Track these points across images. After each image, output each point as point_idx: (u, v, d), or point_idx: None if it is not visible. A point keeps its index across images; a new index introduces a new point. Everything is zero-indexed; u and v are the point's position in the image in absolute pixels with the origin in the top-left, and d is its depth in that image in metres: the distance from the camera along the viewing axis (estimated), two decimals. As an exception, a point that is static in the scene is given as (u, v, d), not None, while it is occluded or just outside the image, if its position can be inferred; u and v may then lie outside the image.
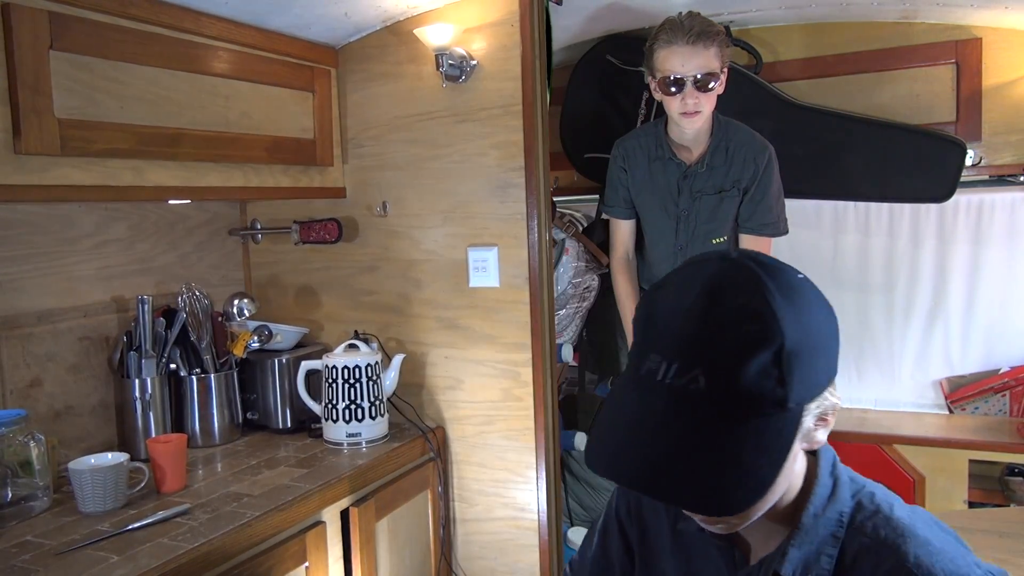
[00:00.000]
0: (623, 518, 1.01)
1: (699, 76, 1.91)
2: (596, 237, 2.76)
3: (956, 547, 0.76)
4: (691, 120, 1.96)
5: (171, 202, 2.00)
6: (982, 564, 0.74)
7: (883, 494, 0.80)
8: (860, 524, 0.77)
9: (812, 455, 0.81)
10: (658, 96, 2.01)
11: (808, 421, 0.72)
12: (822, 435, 0.76)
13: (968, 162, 2.40)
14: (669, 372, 0.68)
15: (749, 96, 2.50)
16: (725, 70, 1.97)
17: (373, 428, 1.87)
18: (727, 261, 0.72)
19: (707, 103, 1.95)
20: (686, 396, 0.67)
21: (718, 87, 1.95)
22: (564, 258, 2.61)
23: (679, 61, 1.91)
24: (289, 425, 1.99)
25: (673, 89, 1.93)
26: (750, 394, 0.66)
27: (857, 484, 0.81)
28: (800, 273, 0.74)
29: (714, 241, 2.13)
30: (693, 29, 1.89)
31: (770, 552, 0.80)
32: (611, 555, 1.02)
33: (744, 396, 0.66)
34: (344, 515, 1.66)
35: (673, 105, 1.97)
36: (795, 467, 0.78)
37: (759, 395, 0.66)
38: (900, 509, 0.78)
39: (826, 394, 0.73)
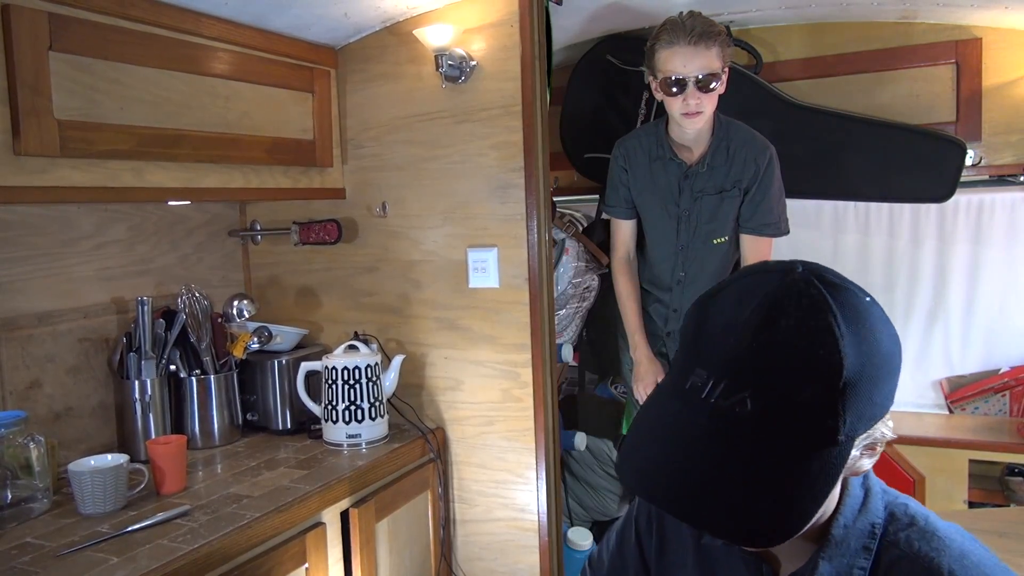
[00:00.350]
0: (642, 527, 0.98)
1: (701, 76, 1.90)
2: (596, 237, 2.76)
3: (995, 561, 0.73)
4: (693, 120, 1.96)
5: (171, 203, 2.00)
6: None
7: (917, 506, 0.77)
8: (894, 536, 0.73)
9: None
10: (659, 96, 2.01)
11: (856, 451, 0.68)
12: (867, 463, 0.72)
13: (968, 162, 2.40)
14: (715, 391, 0.64)
15: (749, 96, 2.50)
16: (726, 70, 1.96)
17: (373, 429, 1.87)
18: (790, 276, 0.66)
19: (709, 103, 1.95)
20: (731, 419, 0.63)
21: (719, 87, 1.95)
22: (564, 258, 2.60)
23: (681, 62, 1.91)
24: (289, 426, 1.99)
25: (675, 90, 1.93)
26: (799, 425, 0.62)
27: (890, 495, 0.78)
28: (868, 295, 0.69)
29: (715, 241, 2.13)
30: (695, 30, 1.89)
31: (800, 567, 0.77)
32: (627, 560, 1.00)
33: (793, 426, 0.62)
34: (344, 516, 1.66)
35: (675, 106, 1.96)
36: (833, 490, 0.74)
37: (809, 426, 0.62)
38: (936, 521, 0.75)
39: (879, 424, 0.68)
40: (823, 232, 2.90)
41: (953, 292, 2.78)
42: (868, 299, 0.68)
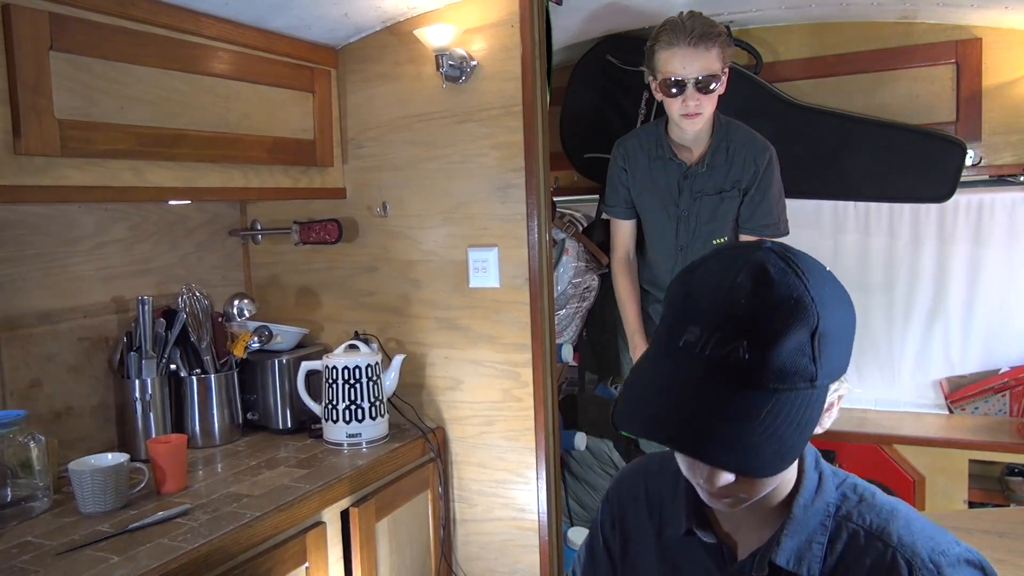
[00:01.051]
0: (607, 532, 1.03)
1: (700, 78, 1.90)
2: (596, 237, 2.76)
3: (937, 527, 0.80)
4: (692, 121, 1.96)
5: (171, 203, 2.00)
6: (961, 543, 0.79)
7: (864, 484, 0.86)
8: (847, 513, 0.82)
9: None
10: (659, 97, 2.01)
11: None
12: (827, 421, 0.80)
13: (968, 162, 2.40)
14: (709, 343, 0.71)
15: (749, 96, 2.50)
16: (726, 71, 1.96)
17: (373, 428, 1.87)
18: (766, 249, 0.76)
19: (708, 104, 1.95)
20: (726, 366, 0.70)
21: (719, 88, 1.94)
22: (564, 258, 2.61)
23: (680, 63, 1.90)
24: (289, 425, 1.99)
25: (674, 91, 1.93)
26: (785, 368, 0.70)
27: (839, 477, 0.86)
28: (826, 267, 0.78)
29: (715, 242, 2.13)
30: (695, 31, 1.88)
31: (761, 545, 0.83)
32: (599, 567, 1.04)
33: (780, 369, 0.70)
34: (344, 515, 1.66)
35: (674, 107, 1.96)
36: None
37: (794, 370, 0.71)
38: (882, 496, 0.84)
39: (839, 383, 0.77)
40: (823, 232, 2.90)
41: (953, 292, 2.78)
42: (828, 270, 0.78)
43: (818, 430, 0.79)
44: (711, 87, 1.91)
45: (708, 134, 2.04)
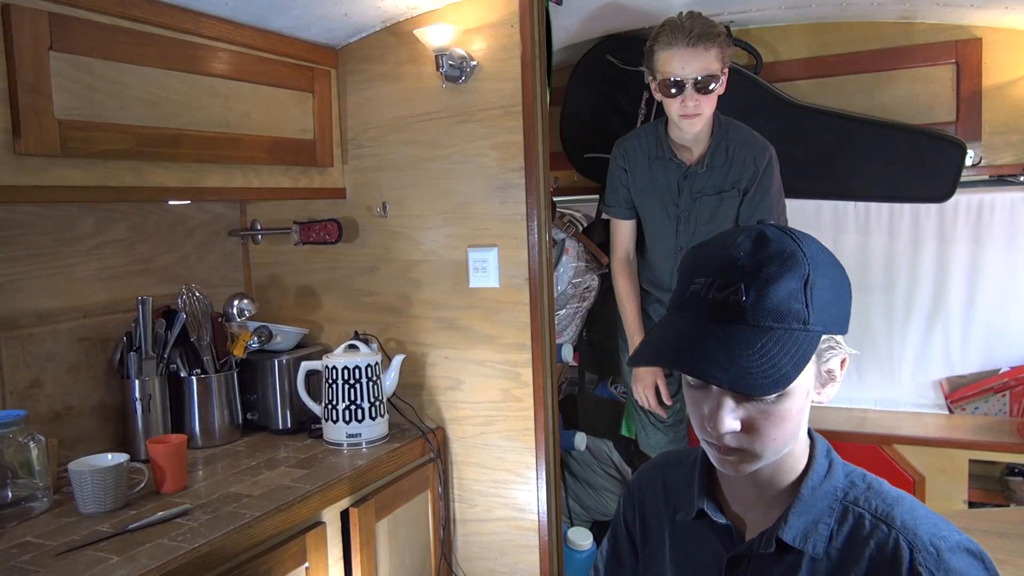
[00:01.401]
0: (629, 522, 1.08)
1: (699, 78, 1.90)
2: (596, 237, 2.76)
3: (941, 517, 0.84)
4: (691, 122, 1.96)
5: (171, 203, 2.00)
6: (963, 533, 0.82)
7: (871, 476, 0.89)
8: (854, 499, 0.86)
9: (811, 442, 0.90)
10: (658, 97, 2.01)
11: (823, 358, 0.84)
12: (831, 390, 0.87)
13: (968, 162, 2.40)
14: (712, 288, 0.80)
15: (749, 96, 2.50)
16: (726, 71, 1.96)
17: (373, 429, 1.87)
18: (765, 223, 0.85)
19: (707, 105, 1.94)
20: (726, 305, 0.79)
21: (719, 88, 1.94)
22: (564, 258, 2.61)
23: (679, 63, 1.90)
24: (289, 426, 1.99)
25: (673, 91, 1.93)
26: (779, 309, 0.78)
27: (848, 467, 0.90)
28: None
29: (714, 241, 2.12)
30: (694, 31, 1.88)
31: (768, 527, 0.87)
32: (623, 558, 1.09)
33: (775, 309, 0.78)
34: (344, 516, 1.66)
35: (673, 107, 1.96)
36: (800, 434, 0.86)
37: (787, 310, 0.78)
38: (889, 486, 0.88)
39: (839, 339, 0.84)
40: (823, 232, 2.90)
41: (953, 292, 2.78)
42: (821, 244, 0.86)
43: (821, 398, 0.87)
44: (710, 87, 1.91)
45: (708, 134, 2.04)
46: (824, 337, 0.82)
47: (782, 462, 0.86)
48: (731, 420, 0.81)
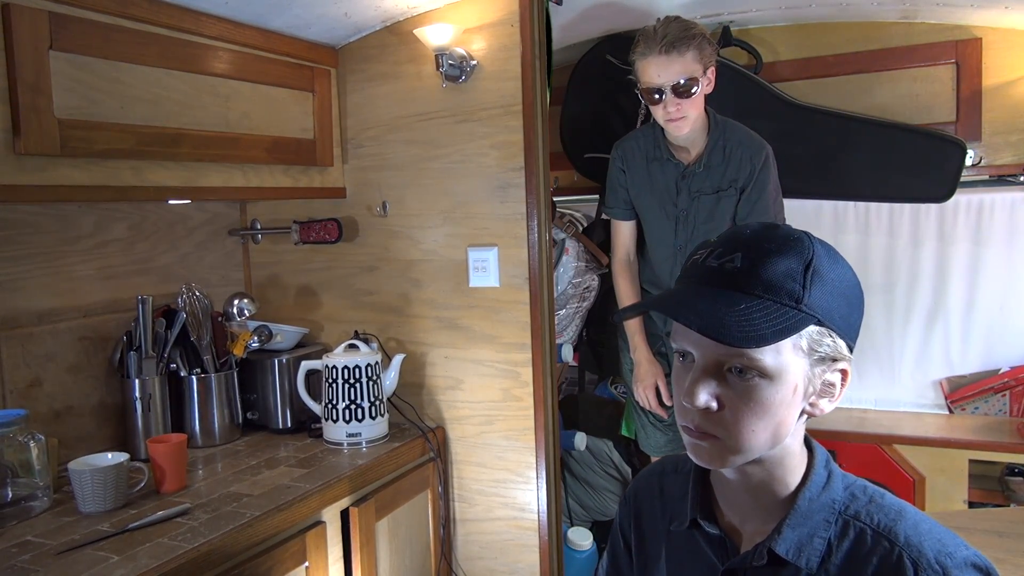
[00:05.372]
0: (625, 532, 1.06)
1: (682, 82, 1.90)
2: (596, 237, 2.76)
3: (945, 530, 0.80)
4: (676, 125, 1.96)
5: (171, 202, 2.00)
6: (969, 547, 0.78)
7: (874, 487, 0.86)
8: (855, 512, 0.82)
9: (809, 452, 0.87)
10: (645, 103, 2.02)
11: (823, 365, 0.81)
12: (826, 404, 0.83)
13: (968, 162, 2.40)
14: (712, 256, 0.81)
15: (749, 96, 2.50)
16: (710, 71, 1.96)
17: (373, 428, 1.87)
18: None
19: (691, 107, 1.94)
20: (722, 272, 0.79)
21: (702, 90, 1.94)
22: (564, 258, 2.61)
23: (655, 71, 1.91)
24: (289, 425, 1.99)
25: (656, 96, 1.94)
26: (772, 281, 0.77)
27: (849, 479, 0.87)
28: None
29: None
30: (666, 38, 1.88)
31: (763, 540, 0.84)
32: (622, 570, 1.07)
33: (768, 280, 0.77)
34: (344, 515, 1.66)
35: (658, 113, 1.97)
36: (793, 443, 0.84)
37: (780, 285, 0.77)
38: (891, 497, 0.84)
39: (845, 350, 0.82)
40: (823, 232, 2.86)
41: (953, 292, 2.78)
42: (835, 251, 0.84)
43: (815, 411, 0.83)
44: (692, 91, 1.91)
45: (704, 134, 2.04)
46: (827, 339, 0.79)
47: (775, 470, 0.83)
48: (706, 394, 0.78)
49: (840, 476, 0.86)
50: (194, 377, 1.87)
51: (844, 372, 0.83)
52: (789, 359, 0.78)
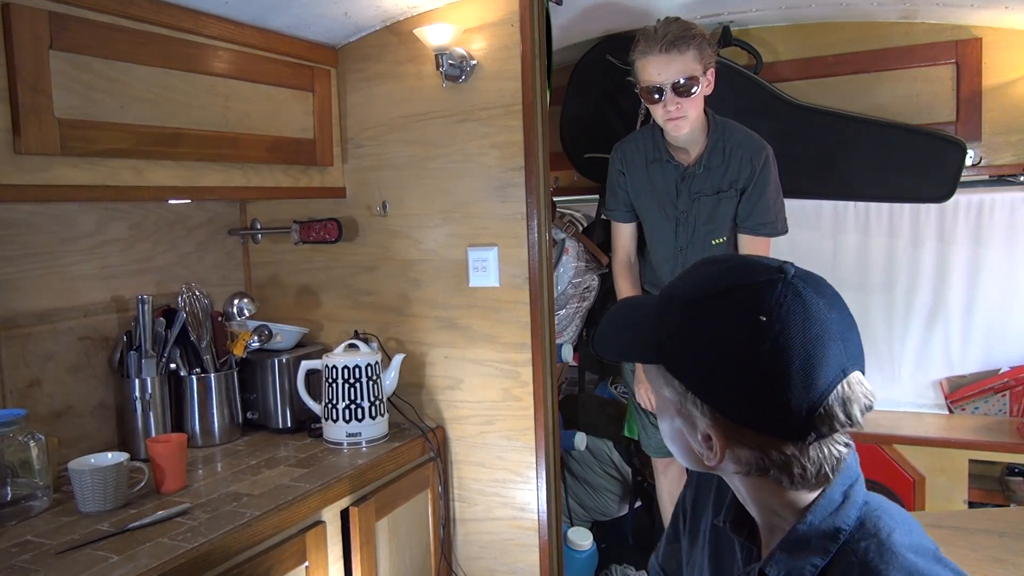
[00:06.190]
0: (687, 507, 1.08)
1: (681, 81, 1.90)
2: (596, 237, 2.76)
3: None
4: (676, 125, 1.96)
5: (171, 202, 2.00)
6: None
7: (889, 521, 0.79)
8: (855, 545, 0.77)
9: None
10: (645, 103, 2.02)
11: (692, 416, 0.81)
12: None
13: (968, 162, 2.40)
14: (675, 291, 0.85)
15: (749, 96, 2.50)
16: (710, 72, 1.96)
17: (373, 428, 1.87)
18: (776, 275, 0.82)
19: (691, 107, 1.94)
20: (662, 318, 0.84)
21: (702, 90, 1.94)
22: (564, 258, 2.61)
23: (655, 70, 1.91)
24: (289, 425, 1.99)
25: (655, 96, 1.94)
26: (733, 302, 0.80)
27: (870, 507, 0.81)
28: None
29: (713, 242, 2.13)
30: (666, 37, 1.89)
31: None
32: (677, 529, 1.10)
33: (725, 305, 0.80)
34: (344, 515, 1.66)
35: (657, 112, 1.97)
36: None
37: (741, 304, 0.78)
38: (900, 538, 0.77)
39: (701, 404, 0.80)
40: (823, 232, 2.90)
41: (953, 292, 2.78)
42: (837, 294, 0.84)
43: (709, 464, 0.83)
44: (692, 90, 1.91)
45: (704, 135, 2.04)
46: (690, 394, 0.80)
47: (776, 490, 0.80)
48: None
49: (858, 504, 0.80)
50: (194, 377, 1.87)
51: (706, 437, 0.80)
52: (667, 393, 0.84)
